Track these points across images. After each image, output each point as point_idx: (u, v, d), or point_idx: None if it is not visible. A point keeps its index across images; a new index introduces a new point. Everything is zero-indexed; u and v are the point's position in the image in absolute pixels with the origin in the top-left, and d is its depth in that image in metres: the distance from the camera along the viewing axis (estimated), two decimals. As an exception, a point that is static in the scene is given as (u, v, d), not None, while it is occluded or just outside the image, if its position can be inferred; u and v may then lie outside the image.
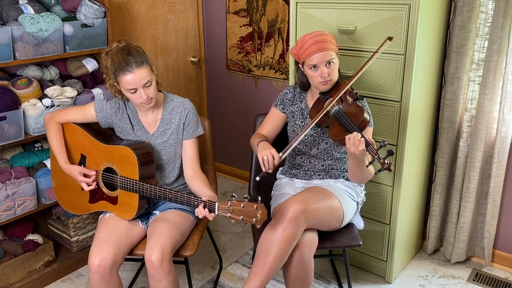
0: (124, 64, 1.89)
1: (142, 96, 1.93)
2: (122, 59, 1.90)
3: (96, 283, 1.87)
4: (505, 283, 2.55)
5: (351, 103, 1.97)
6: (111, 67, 1.93)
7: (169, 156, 2.12)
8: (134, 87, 1.91)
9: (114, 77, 1.94)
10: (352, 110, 1.94)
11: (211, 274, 2.65)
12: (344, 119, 1.92)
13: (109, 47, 1.98)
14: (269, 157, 1.92)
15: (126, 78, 1.90)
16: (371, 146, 1.79)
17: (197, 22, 3.57)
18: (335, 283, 2.57)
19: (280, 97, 2.21)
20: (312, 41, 1.95)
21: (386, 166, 1.75)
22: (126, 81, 1.91)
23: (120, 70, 1.90)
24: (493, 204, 2.54)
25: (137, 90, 1.93)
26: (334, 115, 1.95)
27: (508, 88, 2.35)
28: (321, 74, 1.96)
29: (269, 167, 1.92)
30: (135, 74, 1.90)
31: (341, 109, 1.95)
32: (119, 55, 1.91)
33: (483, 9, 2.34)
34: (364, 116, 1.91)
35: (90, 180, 2.05)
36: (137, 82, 1.91)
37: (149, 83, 1.94)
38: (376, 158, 1.77)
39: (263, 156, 1.94)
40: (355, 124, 1.89)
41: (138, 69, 1.90)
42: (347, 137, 1.81)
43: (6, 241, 2.48)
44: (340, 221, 2.03)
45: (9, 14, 2.30)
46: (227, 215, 1.77)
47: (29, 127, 2.35)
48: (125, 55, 1.91)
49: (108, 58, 1.95)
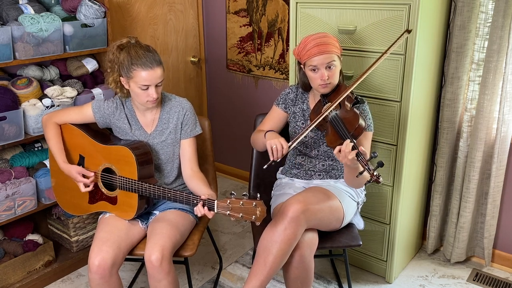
0: (144, 59, 1.90)
1: (153, 94, 1.94)
2: (143, 54, 1.91)
3: (96, 283, 1.87)
4: (505, 283, 2.55)
5: (349, 108, 1.94)
6: (126, 60, 1.91)
7: (167, 155, 2.12)
8: (148, 83, 1.92)
9: (127, 70, 1.91)
10: (348, 116, 1.91)
11: (211, 274, 2.65)
12: (339, 126, 1.90)
13: (119, 41, 1.97)
14: (278, 146, 1.90)
15: (144, 73, 1.90)
16: (362, 156, 1.77)
17: (197, 22, 3.57)
18: (335, 283, 2.57)
19: (282, 96, 2.20)
20: (314, 42, 1.94)
21: (374, 178, 1.74)
22: (143, 77, 1.90)
23: (141, 64, 1.90)
24: (493, 204, 2.54)
25: (148, 88, 1.93)
26: (330, 121, 1.94)
27: (508, 88, 2.35)
28: (321, 76, 1.95)
29: (277, 156, 1.91)
30: (155, 71, 1.91)
31: (337, 115, 1.93)
32: (139, 50, 1.92)
33: (483, 9, 2.34)
34: (359, 123, 1.87)
35: (88, 181, 2.05)
36: (153, 79, 1.92)
37: (161, 83, 1.96)
38: (366, 169, 1.75)
39: (272, 145, 1.91)
40: (349, 132, 1.86)
41: (157, 67, 1.92)
42: (337, 148, 1.80)
43: (6, 241, 2.48)
44: (340, 221, 2.03)
45: (9, 14, 2.30)
46: (227, 212, 1.77)
47: (29, 127, 2.35)
48: (146, 51, 1.92)
49: (124, 52, 1.93)
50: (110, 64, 1.98)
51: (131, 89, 1.97)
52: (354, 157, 1.76)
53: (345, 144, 1.78)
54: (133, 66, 1.91)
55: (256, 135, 2.17)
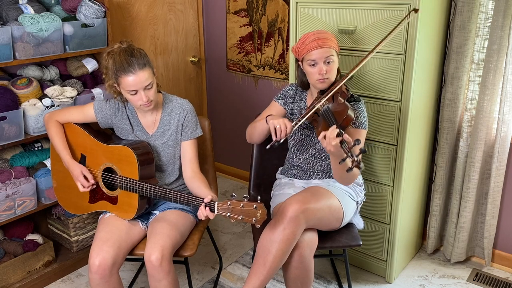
0: (126, 65, 1.88)
1: (142, 98, 1.93)
2: (124, 60, 1.89)
3: (96, 283, 1.87)
4: (505, 283, 2.55)
5: (341, 102, 1.93)
6: (112, 68, 1.92)
7: (168, 157, 2.12)
8: (134, 88, 1.91)
9: (115, 78, 1.93)
10: (338, 108, 1.90)
11: (211, 274, 2.65)
12: (328, 117, 1.89)
13: (111, 47, 1.96)
14: (281, 126, 1.88)
15: (128, 80, 1.89)
16: (346, 143, 1.74)
17: (197, 22, 3.57)
18: (335, 283, 2.57)
19: (282, 93, 2.21)
20: (313, 37, 1.96)
21: (355, 163, 1.70)
22: (127, 83, 1.90)
23: (122, 71, 1.89)
24: (493, 204, 2.54)
25: (137, 92, 1.92)
26: (322, 114, 1.94)
27: (508, 88, 2.35)
28: (319, 71, 1.95)
29: (280, 136, 1.89)
30: (137, 76, 1.89)
31: (329, 107, 1.92)
32: (122, 56, 1.90)
33: (483, 9, 2.34)
34: (348, 114, 1.86)
35: (86, 184, 2.05)
36: (138, 84, 1.90)
37: (150, 86, 1.94)
38: (348, 156, 1.72)
39: (275, 125, 1.89)
40: (338, 122, 1.85)
41: (140, 71, 1.90)
42: (321, 134, 1.79)
43: (6, 241, 2.48)
44: (340, 221, 2.03)
45: (9, 14, 2.30)
46: (227, 214, 1.77)
47: (29, 127, 2.35)
48: (128, 56, 1.90)
49: (110, 58, 1.93)
50: (105, 71, 1.98)
51: (126, 96, 1.98)
52: (338, 143, 1.73)
53: (330, 130, 1.76)
54: (117, 73, 1.91)
55: (253, 124, 2.16)
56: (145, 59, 1.93)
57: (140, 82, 1.90)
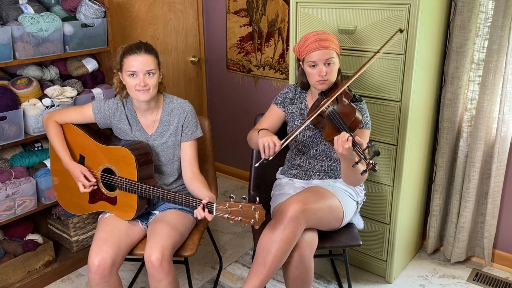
0: (134, 48, 1.95)
1: (140, 82, 1.94)
2: (134, 44, 1.97)
3: (96, 283, 1.87)
4: (505, 283, 2.55)
5: (346, 104, 1.95)
6: (120, 52, 1.98)
7: (167, 157, 2.12)
8: (136, 69, 1.93)
9: (120, 62, 1.97)
10: (345, 110, 1.92)
11: (211, 274, 2.65)
12: (336, 119, 1.90)
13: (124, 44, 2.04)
14: (270, 144, 1.89)
15: (131, 59, 1.94)
16: (358, 146, 1.77)
17: (197, 22, 3.57)
18: (335, 283, 2.57)
19: (281, 96, 2.20)
20: (314, 38, 1.96)
21: (371, 166, 1.72)
22: (130, 63, 1.94)
23: (129, 51, 1.95)
24: (493, 204, 2.54)
25: (137, 76, 1.94)
26: (328, 116, 1.94)
27: (508, 88, 2.35)
28: (319, 72, 1.95)
29: (269, 154, 1.90)
30: (142, 57, 1.93)
31: (335, 109, 1.93)
32: (133, 43, 1.98)
33: (483, 9, 2.34)
34: (356, 116, 1.88)
35: (88, 184, 2.05)
36: (139, 65, 1.93)
37: (152, 73, 1.96)
38: (362, 158, 1.75)
39: (263, 143, 1.90)
40: (346, 124, 1.87)
41: (146, 54, 1.94)
42: (335, 138, 1.80)
43: (6, 241, 2.48)
44: (340, 221, 2.03)
45: (9, 14, 2.30)
46: (225, 216, 1.77)
47: (29, 127, 2.35)
48: (139, 43, 1.99)
49: (121, 48, 2.00)
50: (114, 63, 2.05)
51: (125, 81, 1.99)
52: (350, 146, 1.76)
53: (342, 134, 1.78)
54: (124, 55, 1.96)
55: (251, 133, 2.17)
56: (155, 50, 2.00)
57: (142, 64, 1.93)
